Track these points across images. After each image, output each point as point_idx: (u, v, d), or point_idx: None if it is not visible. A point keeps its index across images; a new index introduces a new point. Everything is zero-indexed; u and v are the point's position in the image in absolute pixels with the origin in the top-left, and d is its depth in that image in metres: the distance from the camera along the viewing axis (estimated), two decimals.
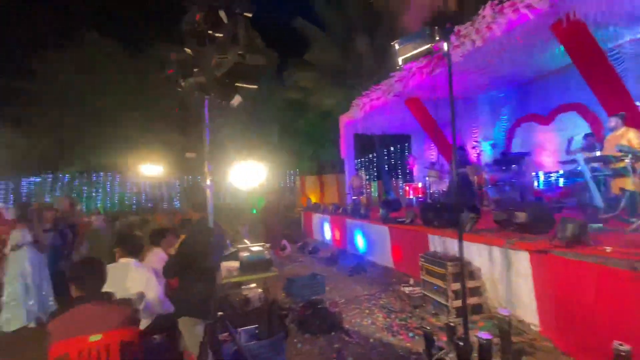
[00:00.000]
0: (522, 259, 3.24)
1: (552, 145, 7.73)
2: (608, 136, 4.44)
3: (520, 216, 3.54)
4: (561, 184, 7.01)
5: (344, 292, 4.79)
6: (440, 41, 2.09)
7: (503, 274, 3.48)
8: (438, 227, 4.54)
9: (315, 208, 11.18)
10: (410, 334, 3.35)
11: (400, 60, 2.30)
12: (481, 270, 3.79)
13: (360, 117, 9.85)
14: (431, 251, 4.39)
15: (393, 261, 5.83)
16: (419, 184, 10.22)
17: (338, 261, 6.61)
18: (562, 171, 6.95)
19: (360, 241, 7.06)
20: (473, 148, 9.34)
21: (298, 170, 17.45)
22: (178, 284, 2.80)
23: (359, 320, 3.78)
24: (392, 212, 6.33)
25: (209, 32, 2.07)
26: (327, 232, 9.17)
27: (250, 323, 3.00)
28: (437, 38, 2.07)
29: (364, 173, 11.63)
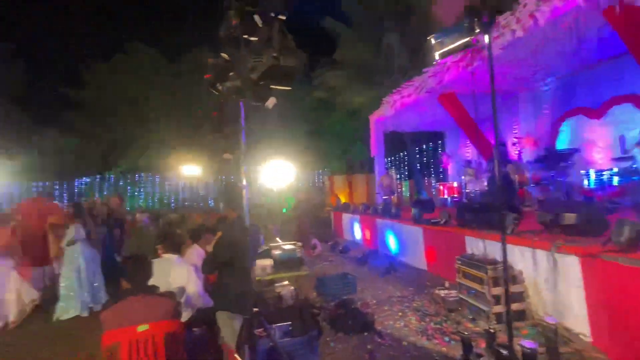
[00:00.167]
0: (571, 264, 3.02)
1: (604, 140, 7.10)
2: None
3: (568, 217, 3.29)
4: (615, 183, 6.42)
5: (376, 293, 4.73)
6: (480, 33, 2.00)
7: (549, 279, 3.26)
8: (476, 229, 4.35)
9: (345, 208, 11.15)
10: (445, 339, 3.24)
11: (437, 55, 2.23)
12: (523, 274, 3.57)
13: (390, 115, 9.67)
14: (468, 253, 4.21)
15: (426, 263, 5.67)
16: (454, 183, 9.84)
17: (369, 261, 6.55)
18: (617, 169, 6.37)
19: (391, 242, 6.94)
20: (513, 145, 8.84)
21: (327, 169, 17.49)
22: (216, 280, 2.92)
23: (392, 322, 3.71)
24: (426, 213, 6.15)
25: (244, 37, 2.13)
26: (358, 232, 9.11)
27: (282, 320, 3.04)
28: (477, 30, 1.98)
29: (395, 172, 11.38)
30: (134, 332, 1.99)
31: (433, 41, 2.23)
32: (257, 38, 2.02)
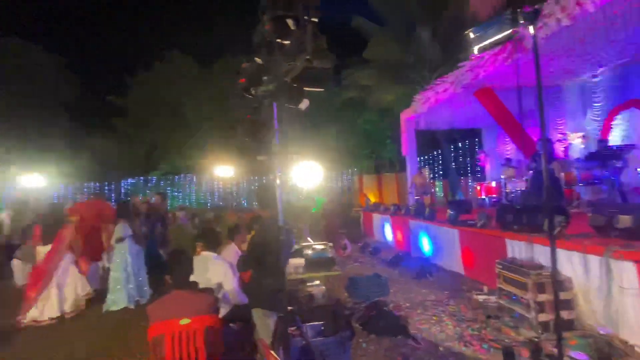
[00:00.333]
0: (628, 271, 2.76)
1: None
2: None
3: (624, 220, 3.02)
4: None
5: (409, 296, 4.62)
6: (523, 24, 1.87)
7: (601, 287, 3.01)
8: (518, 231, 4.11)
9: (375, 208, 11.01)
10: (484, 346, 3.09)
11: (476, 49, 2.13)
12: (572, 281, 3.33)
13: (423, 112, 9.40)
14: (509, 257, 3.99)
15: (463, 266, 5.45)
16: (492, 183, 9.35)
17: (401, 263, 6.40)
18: None
19: (425, 244, 6.74)
20: (559, 141, 8.25)
21: (356, 169, 17.38)
22: (250, 278, 3.00)
23: (426, 326, 3.61)
24: (462, 214, 5.91)
25: (278, 41, 2.18)
26: (389, 233, 8.95)
27: (313, 319, 3.07)
28: (521, 21, 1.86)
29: (427, 171, 11.05)
30: (177, 325, 2.10)
31: (472, 35, 2.14)
32: (290, 41, 2.05)
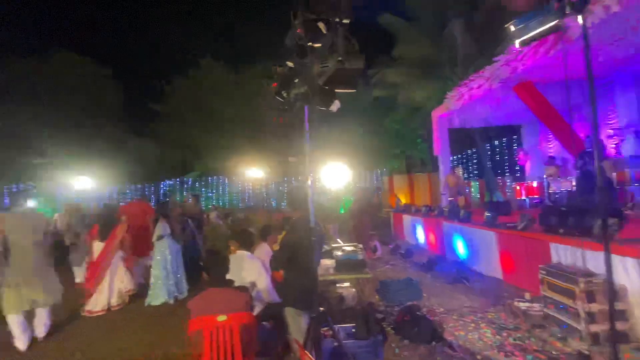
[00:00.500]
0: None
1: None
2: None
3: None
4: None
5: (443, 301, 4.47)
6: (570, 14, 1.74)
7: None
8: (564, 235, 3.83)
9: (406, 209, 10.75)
10: (528, 357, 2.92)
11: (517, 43, 2.01)
12: (627, 289, 3.05)
13: (456, 110, 9.04)
14: (555, 263, 3.74)
15: (502, 271, 5.18)
16: (534, 183, 8.80)
17: (434, 267, 6.20)
18: None
19: (460, 247, 6.49)
20: (610, 138, 7.61)
21: (385, 169, 17.10)
22: (283, 277, 3.06)
23: (463, 333, 3.47)
24: (500, 216, 5.62)
25: (309, 44, 2.20)
26: (421, 235, 8.71)
27: (344, 321, 3.06)
28: (568, 11, 1.73)
29: (462, 171, 10.60)
30: (215, 321, 2.19)
31: (512, 28, 2.02)
32: (322, 44, 2.07)
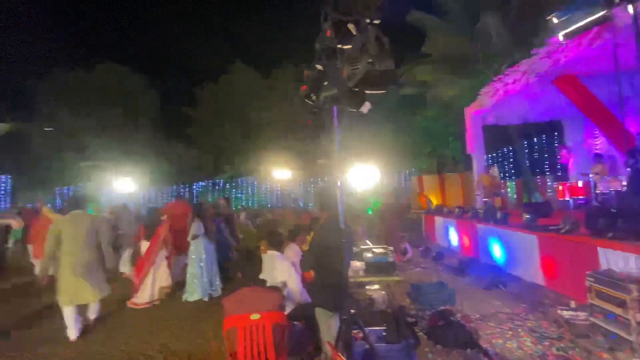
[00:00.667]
0: None
1: None
2: None
3: None
4: None
5: (478, 307, 4.28)
6: (620, 4, 1.61)
7: None
8: (614, 239, 3.54)
9: (437, 210, 10.43)
10: None
11: (560, 35, 1.89)
12: None
13: (491, 106, 8.64)
14: (603, 269, 3.46)
15: (544, 277, 4.87)
16: (578, 183, 8.20)
17: (468, 271, 5.94)
18: None
19: (496, 250, 6.18)
20: None
21: (414, 169, 16.68)
22: (312, 278, 3.08)
23: (501, 341, 3.31)
24: (541, 217, 5.29)
25: (339, 46, 2.20)
26: (453, 238, 8.41)
27: (373, 324, 3.02)
28: (617, 1, 1.61)
29: (497, 170, 10.09)
30: (248, 320, 2.26)
31: (555, 20, 1.91)
32: (352, 46, 2.06)
